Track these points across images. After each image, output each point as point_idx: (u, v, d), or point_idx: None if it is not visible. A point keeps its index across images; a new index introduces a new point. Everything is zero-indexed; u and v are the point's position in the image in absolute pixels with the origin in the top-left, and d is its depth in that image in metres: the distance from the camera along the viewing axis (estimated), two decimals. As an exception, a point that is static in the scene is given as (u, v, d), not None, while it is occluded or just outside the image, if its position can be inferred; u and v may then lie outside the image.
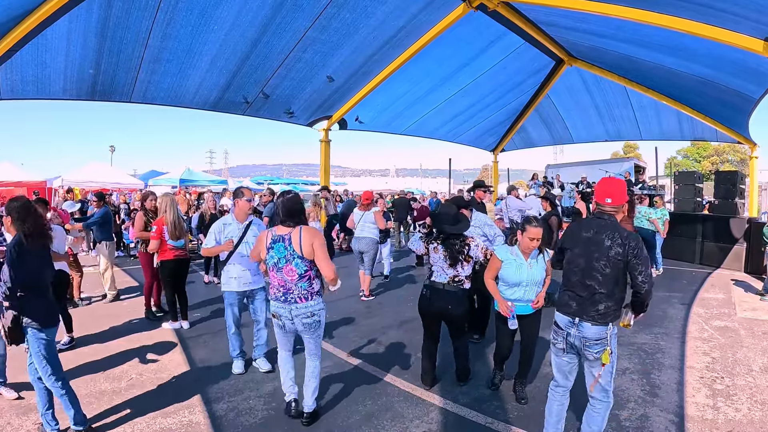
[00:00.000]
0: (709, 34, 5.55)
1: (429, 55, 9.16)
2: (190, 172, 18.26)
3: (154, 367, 4.15)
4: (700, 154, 40.31)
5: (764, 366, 4.14)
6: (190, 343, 4.78)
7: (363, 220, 6.93)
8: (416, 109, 11.70)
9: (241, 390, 3.64)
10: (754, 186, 11.43)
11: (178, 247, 5.16)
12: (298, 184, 25.62)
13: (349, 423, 3.16)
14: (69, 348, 4.53)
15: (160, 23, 6.52)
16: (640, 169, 17.32)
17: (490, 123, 13.59)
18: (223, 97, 9.10)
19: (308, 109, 10.35)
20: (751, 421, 3.16)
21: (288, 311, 3.01)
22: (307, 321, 3.02)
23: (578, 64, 10.16)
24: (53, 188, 15.34)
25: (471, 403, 3.46)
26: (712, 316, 5.75)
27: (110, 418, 3.18)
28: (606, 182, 2.68)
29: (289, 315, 3.01)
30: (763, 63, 6.11)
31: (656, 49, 7.45)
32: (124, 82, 7.75)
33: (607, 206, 2.60)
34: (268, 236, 3.05)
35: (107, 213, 6.75)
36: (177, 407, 3.36)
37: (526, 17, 8.26)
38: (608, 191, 2.61)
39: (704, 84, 8.09)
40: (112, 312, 5.91)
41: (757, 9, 4.72)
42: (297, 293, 2.99)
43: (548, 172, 18.92)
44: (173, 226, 5.08)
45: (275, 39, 7.54)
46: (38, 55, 6.41)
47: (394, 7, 7.35)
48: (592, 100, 11.79)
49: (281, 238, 2.99)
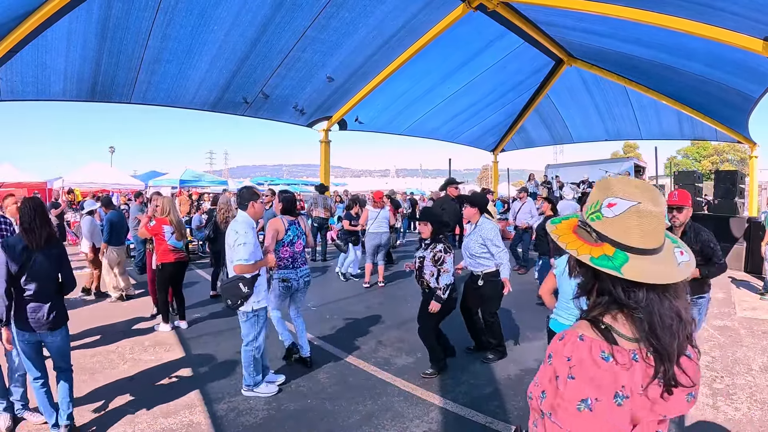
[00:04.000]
0: (709, 34, 5.55)
1: (428, 55, 9.17)
2: (190, 173, 18.26)
3: (155, 367, 4.15)
4: (700, 153, 40.29)
5: (764, 365, 4.14)
6: (190, 343, 4.78)
7: (380, 217, 7.36)
8: (416, 109, 11.71)
9: (241, 390, 3.65)
10: (754, 185, 11.44)
11: (178, 249, 5.17)
12: (298, 185, 25.59)
13: (349, 423, 3.17)
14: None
15: (159, 24, 6.53)
16: (640, 168, 17.30)
17: (489, 123, 13.60)
18: (223, 98, 9.11)
19: (308, 109, 10.36)
20: (751, 420, 3.16)
21: (296, 274, 4.00)
22: (307, 279, 4.14)
23: (578, 64, 10.16)
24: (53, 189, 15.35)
25: (471, 403, 3.46)
26: (711, 316, 5.75)
27: (111, 418, 3.19)
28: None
29: (296, 276, 4.00)
30: (763, 62, 6.12)
31: (656, 49, 7.46)
32: (123, 82, 7.76)
33: None
34: (284, 221, 3.96)
35: (111, 218, 6.52)
36: (177, 407, 3.36)
37: (526, 17, 8.26)
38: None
39: (704, 83, 8.10)
40: (112, 312, 5.92)
41: (756, 8, 4.73)
42: (300, 260, 4.06)
43: (548, 172, 18.90)
44: (179, 227, 5.10)
45: (275, 39, 7.55)
46: (38, 56, 6.42)
47: (394, 6, 7.35)
48: (592, 99, 11.80)
49: (294, 222, 4.02)
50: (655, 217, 0.95)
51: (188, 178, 17.66)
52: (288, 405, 3.41)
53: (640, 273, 0.92)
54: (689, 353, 0.99)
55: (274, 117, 10.56)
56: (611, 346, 0.94)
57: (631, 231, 0.95)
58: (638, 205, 0.96)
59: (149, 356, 4.40)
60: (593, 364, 0.92)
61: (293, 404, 3.43)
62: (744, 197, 10.95)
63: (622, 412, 0.90)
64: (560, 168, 19.05)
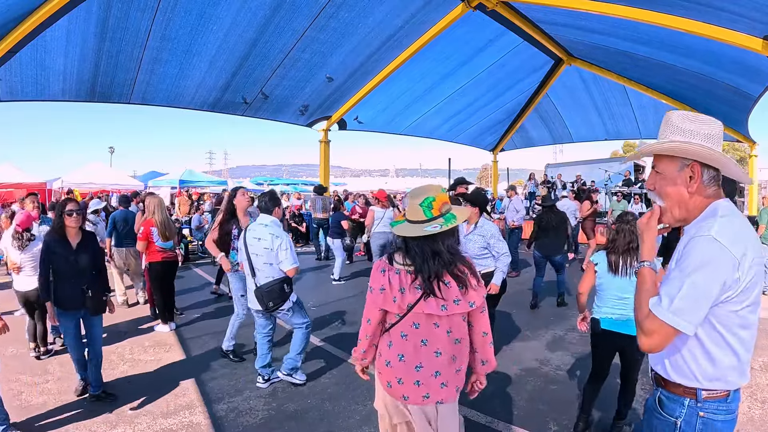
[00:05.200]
0: (708, 33, 5.55)
1: (428, 55, 9.17)
2: (190, 173, 18.26)
3: (155, 367, 4.15)
4: (699, 152, 40.28)
5: (764, 364, 4.14)
6: (190, 343, 4.78)
7: (386, 218, 7.28)
8: (415, 109, 11.71)
9: (241, 390, 3.65)
10: (754, 184, 11.45)
11: (166, 249, 5.16)
12: (298, 185, 25.59)
13: (349, 423, 3.16)
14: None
15: (158, 24, 6.53)
16: (639, 168, 17.31)
17: (489, 122, 13.60)
18: (222, 98, 9.11)
19: (307, 108, 10.36)
20: (751, 419, 3.16)
21: None
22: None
23: (577, 63, 10.17)
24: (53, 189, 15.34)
25: (471, 402, 3.45)
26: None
27: (111, 418, 3.19)
28: None
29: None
30: (763, 61, 6.12)
31: (655, 47, 7.46)
32: (123, 82, 7.76)
33: None
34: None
35: (114, 217, 6.17)
36: (177, 407, 3.36)
37: (525, 16, 8.26)
38: None
39: (704, 82, 8.10)
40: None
41: (756, 7, 4.73)
42: None
43: (548, 172, 18.90)
44: (163, 227, 5.08)
45: (274, 39, 7.55)
46: (37, 56, 6.41)
47: (393, 6, 7.35)
48: (592, 99, 11.81)
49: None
50: (413, 206, 1.83)
51: (188, 178, 17.66)
52: (288, 405, 3.41)
53: (401, 231, 1.84)
54: (447, 281, 1.77)
55: (274, 117, 10.56)
56: (388, 265, 1.87)
57: (410, 211, 1.85)
58: (412, 200, 1.85)
59: (149, 357, 4.39)
60: (376, 271, 1.90)
61: (293, 404, 3.43)
62: (744, 196, 10.97)
63: (382, 295, 1.82)
64: (560, 167, 19.06)
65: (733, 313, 1.24)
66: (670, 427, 1.36)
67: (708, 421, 1.31)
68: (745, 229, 1.27)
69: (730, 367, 1.28)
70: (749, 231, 1.28)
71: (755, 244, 1.26)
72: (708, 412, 1.31)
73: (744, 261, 1.20)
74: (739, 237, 1.22)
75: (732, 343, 1.27)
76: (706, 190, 1.33)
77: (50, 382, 3.76)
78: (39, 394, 3.54)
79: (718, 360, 1.28)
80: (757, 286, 1.26)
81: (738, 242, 1.21)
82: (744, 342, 1.28)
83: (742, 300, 1.24)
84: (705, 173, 1.32)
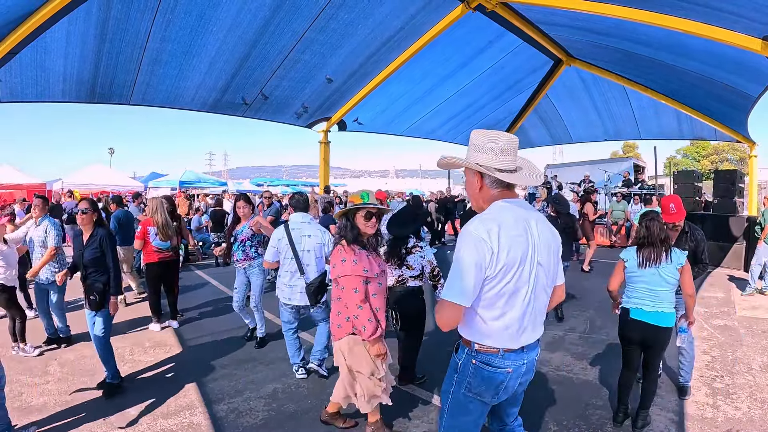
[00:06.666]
0: (707, 34, 5.55)
1: (427, 56, 9.18)
2: (190, 174, 18.28)
3: (155, 368, 4.15)
4: (699, 153, 40.31)
5: (764, 364, 4.14)
6: (190, 344, 4.78)
7: (384, 221, 7.26)
8: (415, 110, 11.73)
9: (241, 391, 3.65)
10: (754, 185, 11.45)
11: (163, 249, 5.18)
12: (297, 186, 25.61)
13: (349, 423, 3.16)
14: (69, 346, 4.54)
15: (158, 25, 6.54)
16: (639, 168, 17.32)
17: (488, 122, 13.60)
18: (222, 99, 9.11)
19: (307, 110, 10.37)
20: (751, 419, 3.16)
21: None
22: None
23: (577, 64, 10.17)
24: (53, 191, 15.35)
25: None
26: (711, 315, 5.75)
27: (111, 418, 3.19)
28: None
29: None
30: (762, 61, 6.12)
31: (655, 48, 7.46)
32: (123, 84, 7.77)
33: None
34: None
35: (117, 217, 6.36)
36: (178, 408, 3.36)
37: (525, 17, 8.27)
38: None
39: (703, 82, 8.10)
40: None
41: (755, 8, 4.73)
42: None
43: (548, 173, 18.90)
44: (163, 227, 5.11)
45: (274, 40, 7.56)
46: (37, 57, 6.42)
47: (393, 7, 7.37)
48: (591, 99, 11.81)
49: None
50: (355, 197, 2.64)
51: (188, 179, 17.68)
52: (288, 405, 3.41)
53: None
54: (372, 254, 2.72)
55: (274, 118, 10.57)
56: (348, 245, 2.64)
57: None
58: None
59: (149, 357, 4.39)
60: (341, 249, 2.64)
61: (293, 404, 3.43)
62: (743, 196, 10.97)
63: (351, 264, 2.56)
64: (560, 168, 19.07)
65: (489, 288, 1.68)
66: (455, 364, 1.85)
67: (478, 367, 1.74)
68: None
69: (498, 330, 1.69)
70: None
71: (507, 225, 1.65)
72: (480, 361, 1.74)
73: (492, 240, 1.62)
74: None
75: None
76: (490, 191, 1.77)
77: (50, 383, 3.77)
78: (39, 395, 3.54)
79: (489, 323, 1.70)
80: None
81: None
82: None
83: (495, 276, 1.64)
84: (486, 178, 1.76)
